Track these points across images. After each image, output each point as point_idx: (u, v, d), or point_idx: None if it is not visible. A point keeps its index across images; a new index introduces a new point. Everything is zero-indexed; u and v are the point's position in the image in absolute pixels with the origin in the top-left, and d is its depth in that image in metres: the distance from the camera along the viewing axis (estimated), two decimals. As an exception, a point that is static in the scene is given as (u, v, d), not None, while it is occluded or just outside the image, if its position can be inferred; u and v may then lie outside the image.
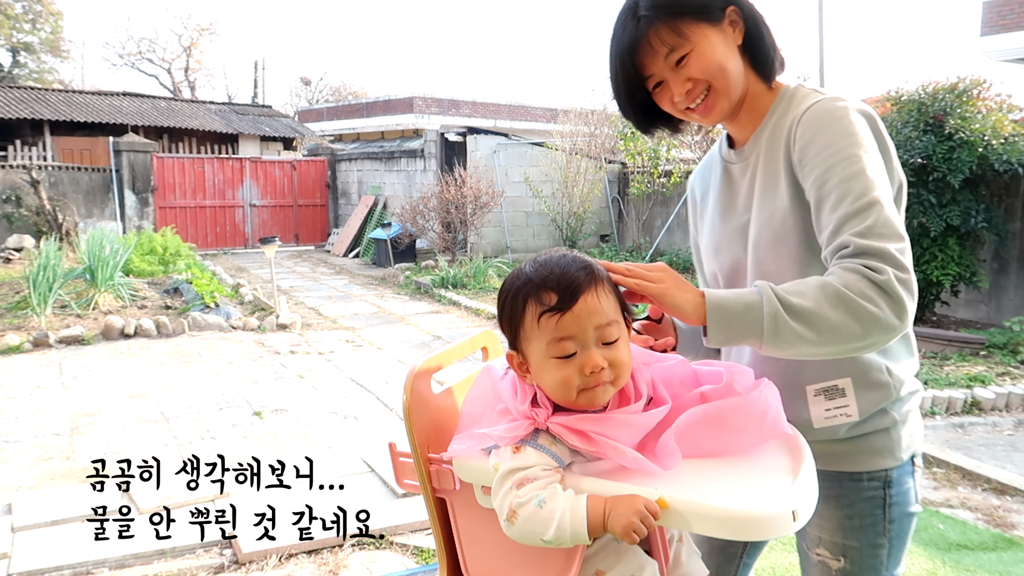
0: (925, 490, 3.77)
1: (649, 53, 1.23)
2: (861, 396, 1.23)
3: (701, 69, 1.23)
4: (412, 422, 1.11)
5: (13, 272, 10.21)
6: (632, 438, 1.04)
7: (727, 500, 0.94)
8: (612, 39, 1.27)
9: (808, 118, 1.21)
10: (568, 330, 1.03)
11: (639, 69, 1.25)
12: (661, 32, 1.21)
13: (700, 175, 1.51)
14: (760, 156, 1.29)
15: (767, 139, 1.28)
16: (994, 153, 6.80)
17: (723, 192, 1.38)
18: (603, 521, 0.96)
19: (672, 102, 1.27)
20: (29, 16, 28.34)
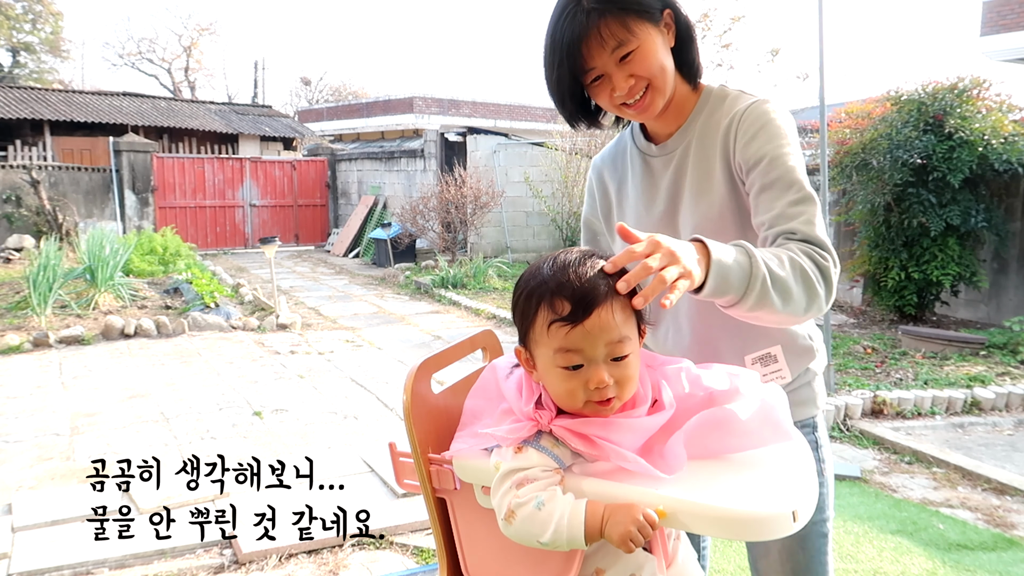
0: (925, 490, 3.77)
1: (596, 46, 1.24)
2: (791, 360, 1.39)
3: (645, 67, 1.27)
4: (412, 422, 1.11)
5: (13, 272, 10.21)
6: (635, 442, 1.03)
7: (727, 500, 0.94)
8: (554, 29, 1.27)
9: (749, 117, 1.30)
10: (577, 344, 1.01)
11: (583, 61, 1.26)
12: (611, 26, 1.23)
13: (611, 164, 1.53)
14: (688, 151, 1.37)
15: (697, 136, 1.36)
16: (994, 153, 6.80)
17: (644, 183, 1.44)
18: (600, 528, 0.96)
19: (611, 96, 1.30)
20: (29, 16, 28.34)
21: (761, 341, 1.38)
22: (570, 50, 1.25)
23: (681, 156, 1.38)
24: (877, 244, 7.36)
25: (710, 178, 1.34)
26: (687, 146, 1.38)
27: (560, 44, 1.26)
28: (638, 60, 1.26)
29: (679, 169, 1.38)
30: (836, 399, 4.78)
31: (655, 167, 1.43)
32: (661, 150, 1.41)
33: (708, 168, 1.34)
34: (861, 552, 3.06)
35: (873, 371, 5.59)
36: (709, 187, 1.34)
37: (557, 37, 1.27)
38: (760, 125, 1.28)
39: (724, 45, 9.01)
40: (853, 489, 3.74)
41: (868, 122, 7.57)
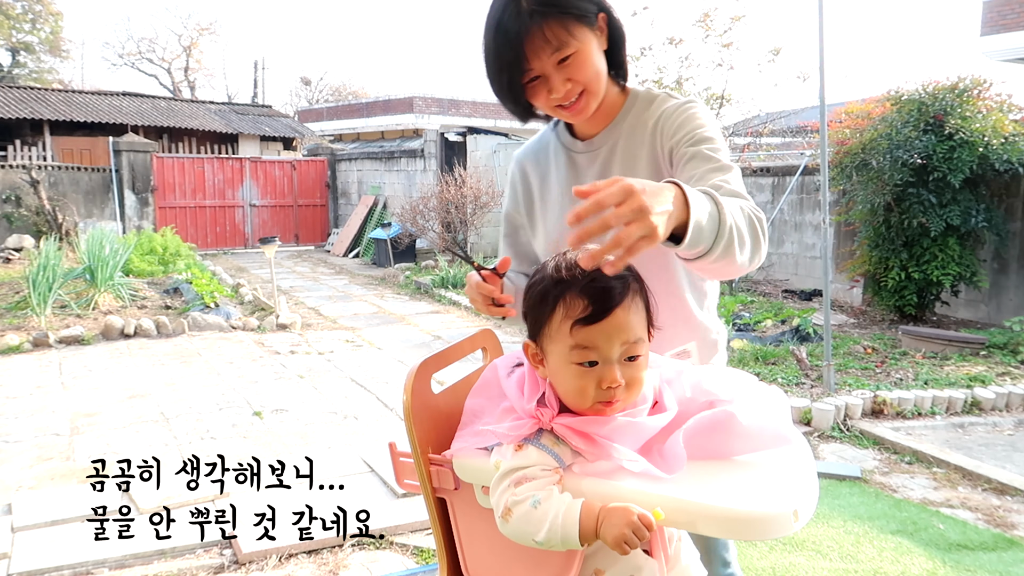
0: (925, 490, 3.77)
1: (538, 48, 1.26)
2: (702, 354, 1.48)
3: (582, 72, 1.30)
4: (412, 422, 1.11)
5: (13, 272, 10.21)
6: (636, 442, 1.03)
7: (728, 500, 0.94)
8: (495, 28, 1.28)
9: (675, 112, 1.38)
10: (594, 342, 1.01)
11: (524, 61, 1.27)
12: (553, 28, 1.25)
13: (534, 159, 1.56)
14: (615, 149, 1.43)
15: (624, 135, 1.42)
16: (994, 153, 6.80)
17: (568, 178, 1.48)
18: (595, 529, 0.96)
19: (547, 98, 1.33)
20: (29, 16, 28.33)
21: (677, 339, 1.42)
22: (514, 49, 1.26)
23: (607, 153, 1.44)
24: (877, 244, 7.36)
25: (636, 174, 1.37)
26: (614, 144, 1.43)
27: (503, 43, 1.27)
28: (576, 64, 1.29)
29: (605, 166, 1.43)
30: (836, 399, 4.78)
31: (580, 163, 1.47)
32: (587, 147, 1.46)
33: (635, 165, 1.40)
34: (861, 552, 3.06)
35: (873, 371, 5.59)
36: (641, 163, 1.40)
37: (500, 36, 1.27)
38: (685, 116, 1.36)
39: (725, 45, 9.00)
40: (853, 489, 3.74)
41: (868, 122, 7.57)
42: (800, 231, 9.90)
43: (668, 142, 1.37)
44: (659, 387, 1.12)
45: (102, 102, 17.48)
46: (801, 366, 5.58)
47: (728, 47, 8.98)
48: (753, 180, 10.67)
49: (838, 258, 8.46)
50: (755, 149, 11.30)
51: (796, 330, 6.72)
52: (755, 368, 5.66)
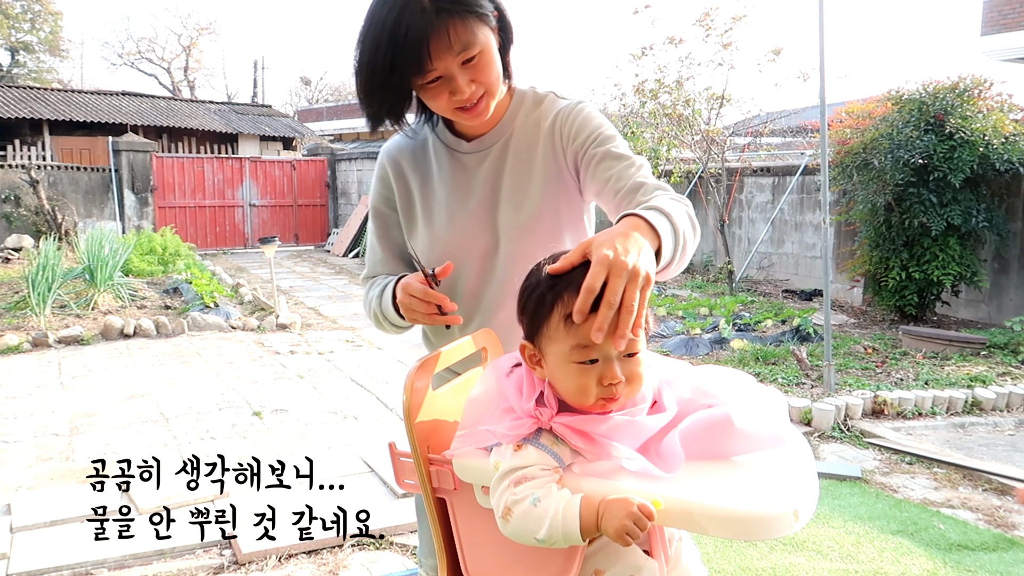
0: (926, 490, 3.77)
1: (444, 48, 1.21)
2: None
3: (487, 72, 1.27)
4: (412, 422, 1.10)
5: (12, 272, 10.21)
6: (635, 441, 1.03)
7: (728, 500, 0.94)
8: (392, 25, 1.20)
9: (571, 115, 1.39)
10: (593, 335, 1.00)
11: (426, 62, 1.21)
12: (459, 28, 1.21)
13: (411, 157, 1.50)
14: (507, 149, 1.42)
15: (515, 135, 1.42)
16: (995, 152, 6.80)
17: (456, 179, 1.44)
18: (596, 522, 0.95)
19: (449, 99, 1.28)
20: (28, 16, 28.34)
21: None
22: (415, 49, 1.20)
23: (498, 153, 1.42)
24: (878, 244, 7.36)
25: (531, 174, 1.40)
26: (504, 144, 1.42)
27: (402, 42, 1.20)
28: (481, 65, 1.26)
29: (497, 165, 1.42)
30: (836, 399, 4.78)
31: (468, 163, 1.44)
32: (475, 147, 1.43)
33: (530, 165, 1.40)
34: (862, 552, 3.06)
35: (874, 371, 5.58)
36: (530, 183, 1.40)
37: (399, 34, 1.19)
38: (583, 117, 1.38)
39: (725, 45, 9.00)
40: (854, 489, 3.73)
41: (869, 122, 7.57)
42: (800, 231, 9.90)
43: (570, 143, 1.38)
44: (658, 387, 1.11)
45: (102, 102, 17.49)
46: (801, 366, 5.58)
47: (728, 47, 8.98)
48: (753, 180, 10.67)
49: (838, 258, 8.46)
50: (755, 149, 11.31)
51: (796, 330, 6.72)
52: (755, 368, 5.66)
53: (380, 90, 1.28)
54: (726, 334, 6.66)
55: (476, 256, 1.43)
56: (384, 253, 1.55)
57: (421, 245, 1.47)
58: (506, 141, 1.42)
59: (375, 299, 1.47)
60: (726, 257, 9.55)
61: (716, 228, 9.75)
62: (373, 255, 1.57)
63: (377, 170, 1.54)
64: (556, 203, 1.41)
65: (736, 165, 10.49)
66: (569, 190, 1.42)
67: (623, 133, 11.29)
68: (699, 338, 6.64)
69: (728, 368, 1.16)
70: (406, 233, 1.51)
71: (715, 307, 8.03)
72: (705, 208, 11.18)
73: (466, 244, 1.42)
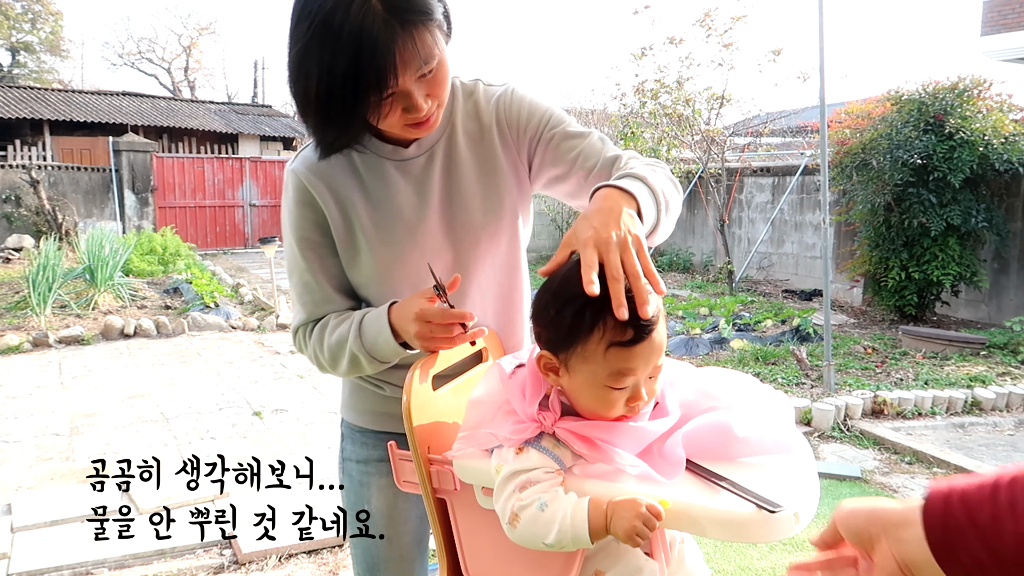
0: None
1: (408, 61, 1.07)
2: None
3: (443, 85, 1.16)
4: (412, 422, 1.11)
5: (13, 272, 10.20)
6: (638, 445, 1.03)
7: (730, 502, 0.94)
8: (350, 37, 1.03)
9: (513, 100, 1.31)
10: (633, 365, 1.00)
11: (388, 78, 1.06)
12: (424, 38, 1.08)
13: (339, 176, 1.27)
14: (453, 145, 1.30)
15: (458, 131, 1.31)
16: (995, 153, 6.80)
17: (405, 190, 1.28)
18: (605, 524, 0.95)
19: (401, 116, 1.14)
20: (29, 16, 28.34)
21: (523, 342, 1.42)
22: (377, 64, 1.05)
23: (445, 153, 1.30)
24: (877, 244, 7.36)
25: (485, 171, 1.31)
26: (447, 142, 1.30)
27: (360, 56, 1.04)
28: (438, 78, 1.13)
29: (449, 163, 1.30)
30: (836, 399, 4.78)
31: (412, 169, 1.28)
32: (416, 151, 1.28)
33: (481, 161, 1.31)
34: (862, 552, 3.06)
35: (873, 371, 5.59)
36: (486, 180, 1.31)
37: (350, 47, 1.03)
38: (527, 102, 1.31)
39: (725, 45, 9.00)
40: (854, 489, 3.74)
41: (868, 122, 7.57)
42: (800, 231, 9.90)
43: (523, 131, 1.31)
44: (661, 389, 1.11)
45: (102, 102, 17.49)
46: (801, 366, 5.58)
47: (729, 47, 8.99)
48: (753, 180, 10.67)
49: (838, 258, 8.47)
50: (755, 149, 11.31)
51: (796, 330, 6.72)
52: (755, 368, 5.66)
53: (340, 115, 1.11)
54: (726, 334, 6.67)
55: (439, 265, 1.28)
56: (327, 289, 1.31)
57: (366, 272, 1.30)
58: (448, 139, 1.30)
59: (349, 338, 1.24)
60: (726, 257, 9.55)
61: (716, 228, 9.75)
62: (310, 295, 1.31)
63: (295, 194, 1.29)
64: (514, 198, 1.33)
65: (736, 165, 10.49)
66: (522, 182, 1.35)
67: (623, 133, 11.36)
68: (699, 338, 6.64)
69: (732, 370, 1.16)
70: (346, 260, 1.30)
71: (715, 307, 8.04)
72: (705, 208, 11.17)
73: (427, 258, 1.26)
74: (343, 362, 1.27)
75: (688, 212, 11.76)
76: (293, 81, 1.13)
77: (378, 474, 1.44)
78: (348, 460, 1.49)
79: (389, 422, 1.40)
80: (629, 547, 1.07)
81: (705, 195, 10.64)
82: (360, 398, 1.45)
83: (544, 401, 1.07)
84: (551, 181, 1.34)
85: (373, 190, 1.28)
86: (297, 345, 1.37)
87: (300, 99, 1.13)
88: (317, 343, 1.30)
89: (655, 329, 1.00)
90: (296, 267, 1.33)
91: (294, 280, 1.34)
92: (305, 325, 1.34)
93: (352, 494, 1.47)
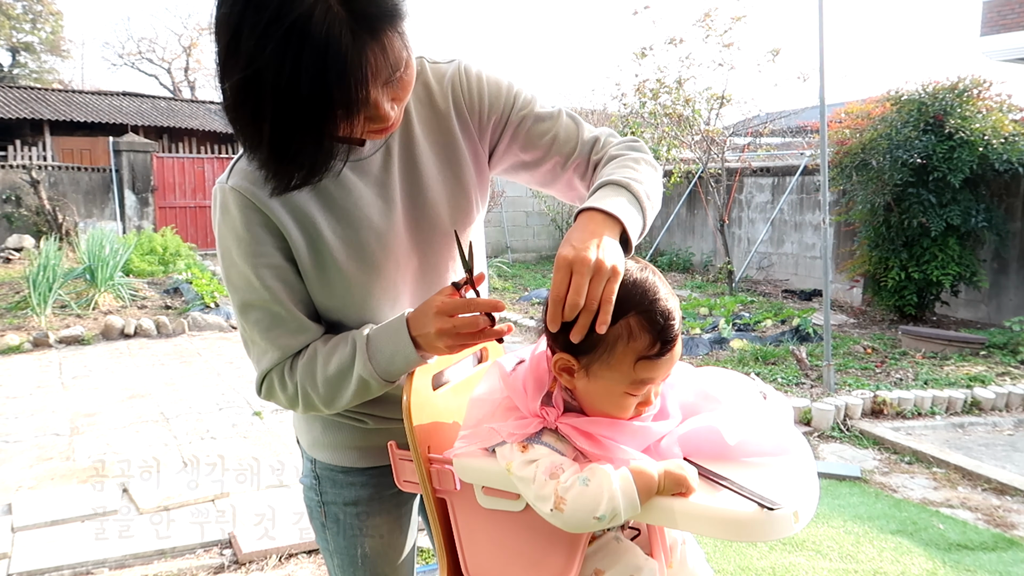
0: (925, 490, 3.77)
1: (378, 70, 0.94)
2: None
3: (408, 87, 1.03)
4: (412, 422, 1.11)
5: (13, 272, 10.21)
6: (640, 445, 1.03)
7: (729, 502, 0.94)
8: (317, 48, 0.88)
9: (467, 79, 1.20)
10: (655, 375, 1.02)
11: (362, 94, 0.93)
12: (393, 43, 0.95)
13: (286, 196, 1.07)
14: (409, 138, 1.17)
15: (413, 119, 1.17)
16: (994, 153, 6.81)
17: (368, 192, 1.14)
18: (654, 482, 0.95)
19: (365, 125, 1.00)
20: (29, 16, 28.34)
21: None
22: (342, 77, 0.91)
23: (403, 143, 1.17)
24: (877, 244, 7.36)
25: (447, 159, 1.20)
26: (403, 130, 1.16)
27: (326, 67, 0.89)
28: (404, 82, 1.01)
29: (408, 157, 1.17)
30: (836, 399, 4.78)
31: (371, 168, 1.15)
32: (371, 147, 1.14)
33: (441, 148, 1.19)
34: (861, 552, 3.06)
35: (873, 371, 5.59)
36: (449, 170, 1.20)
37: (312, 56, 0.88)
38: (486, 81, 1.21)
39: (725, 45, 9.00)
40: (853, 489, 3.74)
41: (868, 122, 7.57)
42: (800, 231, 9.90)
43: (485, 115, 1.20)
44: (662, 390, 1.11)
45: (102, 102, 17.50)
46: (801, 366, 5.58)
47: (729, 47, 8.99)
48: (753, 180, 10.68)
49: (838, 258, 8.47)
50: (755, 149, 11.31)
51: (796, 330, 6.72)
52: (755, 368, 5.66)
53: (303, 149, 0.96)
54: (726, 334, 6.67)
55: (409, 273, 1.20)
56: (300, 318, 1.13)
57: (339, 294, 1.15)
58: (403, 129, 1.16)
59: (355, 363, 1.10)
60: (726, 257, 9.56)
61: (716, 228, 9.75)
62: (282, 327, 1.12)
63: (243, 215, 1.08)
64: (476, 188, 1.24)
65: (736, 165, 10.49)
66: (481, 168, 1.24)
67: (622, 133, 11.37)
68: (699, 338, 6.64)
69: (730, 371, 1.16)
70: (314, 285, 1.14)
71: (715, 307, 8.04)
72: (705, 208, 11.18)
73: (397, 263, 1.18)
74: (346, 393, 1.12)
75: (688, 212, 11.76)
76: (237, 108, 0.94)
77: (370, 514, 1.30)
78: (331, 504, 1.31)
79: (374, 456, 1.28)
80: (629, 547, 1.08)
81: (705, 195, 10.64)
82: (339, 435, 1.28)
83: (546, 397, 1.07)
84: (518, 166, 1.25)
85: (335, 201, 1.12)
86: (267, 393, 1.17)
87: (248, 129, 0.95)
88: (307, 379, 1.12)
89: (679, 341, 1.03)
90: (256, 300, 1.11)
91: (254, 316, 1.12)
92: (280, 364, 1.14)
93: (342, 540, 1.32)
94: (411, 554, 1.39)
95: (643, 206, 1.10)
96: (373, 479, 1.29)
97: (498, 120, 1.22)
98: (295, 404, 1.16)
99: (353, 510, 1.30)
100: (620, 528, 1.10)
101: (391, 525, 1.32)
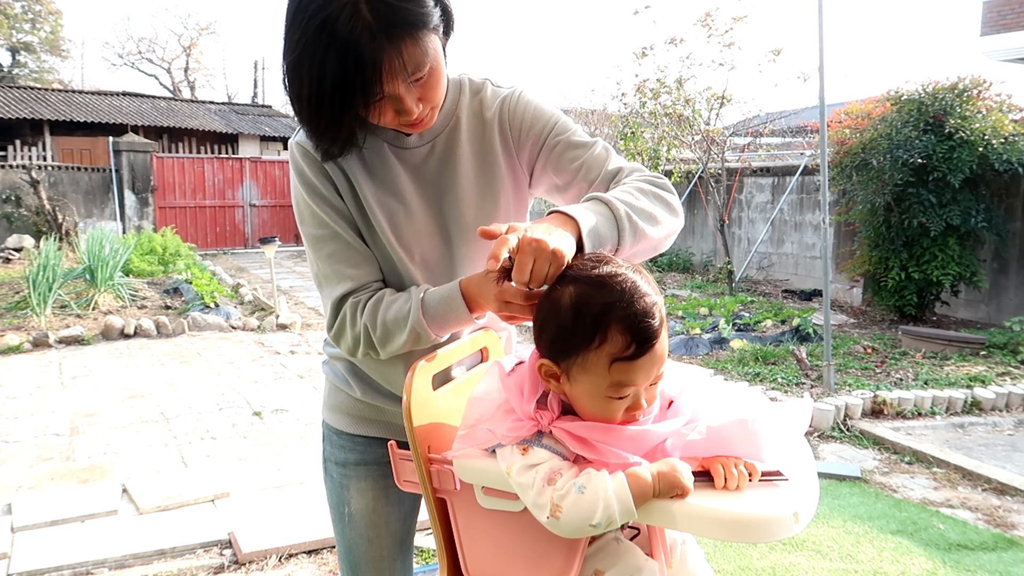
0: (925, 490, 3.77)
1: (396, 72, 1.10)
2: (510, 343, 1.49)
3: (436, 89, 1.18)
4: (412, 422, 1.11)
5: (13, 272, 10.21)
6: (639, 448, 1.02)
7: (729, 503, 0.94)
8: (340, 48, 1.06)
9: (518, 103, 1.33)
10: (634, 377, 1.00)
11: (374, 86, 1.10)
12: (411, 49, 1.10)
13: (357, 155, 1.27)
14: (455, 139, 1.32)
15: (463, 125, 1.32)
16: (994, 153, 6.81)
17: (402, 177, 1.29)
18: (649, 485, 0.94)
19: (394, 117, 1.17)
20: (29, 16, 28.34)
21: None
22: (363, 75, 1.08)
23: (446, 144, 1.31)
24: (877, 244, 7.36)
25: (483, 169, 1.32)
26: (451, 134, 1.31)
27: (348, 67, 1.07)
28: (431, 83, 1.16)
29: (447, 156, 1.31)
30: (836, 399, 4.78)
31: (412, 159, 1.30)
32: (418, 140, 1.30)
33: (481, 159, 1.32)
34: (861, 552, 3.06)
35: (873, 371, 5.59)
36: (483, 178, 1.32)
37: (338, 57, 1.07)
38: (534, 107, 1.33)
39: (727, 45, 9.01)
40: (853, 489, 3.74)
41: (868, 122, 7.57)
42: (800, 231, 9.90)
43: (526, 136, 1.32)
44: (678, 393, 1.10)
45: (102, 102, 17.49)
46: (801, 366, 5.58)
47: (729, 47, 8.99)
48: (753, 180, 10.68)
49: (838, 258, 8.47)
50: (755, 149, 11.31)
51: (796, 330, 6.72)
52: (755, 368, 5.66)
53: (329, 125, 1.16)
54: (726, 334, 6.67)
55: (420, 263, 1.31)
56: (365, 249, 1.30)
57: (380, 253, 1.31)
58: (450, 133, 1.31)
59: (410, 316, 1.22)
60: (726, 257, 9.56)
61: (716, 228, 9.75)
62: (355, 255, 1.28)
63: (308, 164, 1.27)
64: (509, 200, 1.35)
65: (736, 165, 10.49)
66: (519, 185, 1.36)
67: (622, 133, 11.38)
68: (699, 338, 6.64)
69: (747, 388, 1.15)
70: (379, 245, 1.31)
71: (715, 307, 8.04)
72: (705, 208, 11.18)
73: (414, 250, 1.31)
74: (400, 338, 1.23)
75: (688, 212, 11.76)
76: (288, 86, 1.17)
77: (356, 477, 1.43)
78: (328, 461, 1.49)
79: (364, 426, 1.42)
80: (629, 547, 1.07)
81: (705, 195, 10.64)
82: (335, 399, 1.46)
83: (543, 400, 1.07)
84: (552, 189, 1.35)
85: (376, 171, 1.29)
86: (338, 330, 1.27)
87: (295, 104, 1.18)
88: (370, 318, 1.24)
89: (657, 342, 0.99)
90: (328, 235, 1.27)
91: (328, 250, 1.27)
92: (355, 293, 1.26)
93: (333, 495, 1.48)
94: (404, 527, 1.49)
95: (619, 223, 1.14)
96: (359, 446, 1.42)
97: (535, 141, 1.32)
98: (357, 344, 1.27)
99: (342, 470, 1.45)
100: (620, 528, 1.09)
101: (376, 492, 1.43)
